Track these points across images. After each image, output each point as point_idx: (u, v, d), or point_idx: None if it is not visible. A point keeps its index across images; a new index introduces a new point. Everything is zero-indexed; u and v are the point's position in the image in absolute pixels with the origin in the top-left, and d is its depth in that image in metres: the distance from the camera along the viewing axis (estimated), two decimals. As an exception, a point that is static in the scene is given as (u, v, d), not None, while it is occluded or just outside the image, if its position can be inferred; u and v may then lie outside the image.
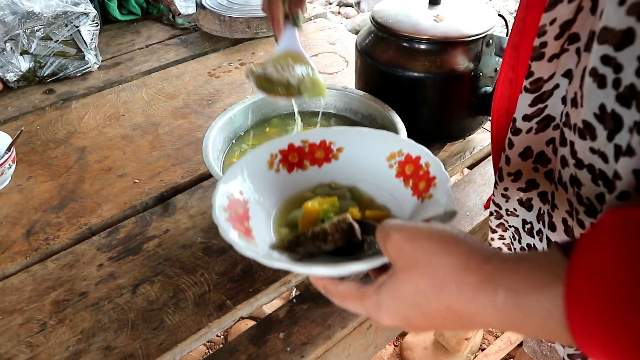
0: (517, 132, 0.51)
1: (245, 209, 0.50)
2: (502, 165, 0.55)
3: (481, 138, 0.88)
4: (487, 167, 0.84)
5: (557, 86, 0.47)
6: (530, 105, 0.48)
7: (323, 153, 0.58)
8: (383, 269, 0.40)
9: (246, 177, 0.52)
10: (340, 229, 0.46)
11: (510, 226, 0.61)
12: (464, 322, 0.33)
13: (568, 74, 0.46)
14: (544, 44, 0.45)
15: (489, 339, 1.43)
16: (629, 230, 0.26)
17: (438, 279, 0.32)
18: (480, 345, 1.42)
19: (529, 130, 0.50)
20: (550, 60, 0.45)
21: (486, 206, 0.68)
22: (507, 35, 0.81)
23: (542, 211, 0.54)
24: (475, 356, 1.39)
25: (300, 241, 0.47)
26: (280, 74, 0.66)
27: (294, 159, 0.57)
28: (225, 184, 0.50)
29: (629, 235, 0.26)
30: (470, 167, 0.87)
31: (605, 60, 0.37)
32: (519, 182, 0.55)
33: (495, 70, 0.78)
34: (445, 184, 0.49)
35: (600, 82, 0.38)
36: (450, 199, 0.47)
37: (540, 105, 0.48)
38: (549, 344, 0.68)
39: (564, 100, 0.47)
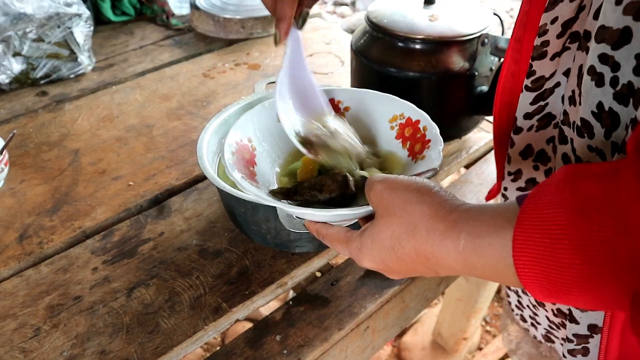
0: (518, 130, 0.51)
1: (252, 155, 0.54)
2: (505, 164, 0.55)
3: (477, 138, 0.87)
4: (484, 166, 0.84)
5: (558, 84, 0.47)
6: (532, 103, 0.49)
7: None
8: (371, 217, 0.43)
9: (256, 127, 0.56)
10: (335, 180, 0.49)
11: None
12: (432, 265, 0.36)
13: (568, 73, 0.46)
14: (545, 43, 0.45)
15: (487, 339, 1.43)
16: (571, 179, 0.29)
17: (411, 225, 0.36)
18: (478, 344, 1.42)
19: (530, 128, 0.51)
20: (552, 58, 0.45)
21: (487, 197, 0.68)
22: (502, 34, 0.80)
23: None
24: (474, 356, 1.39)
25: (298, 190, 0.50)
26: (337, 142, 0.53)
27: None
28: (236, 131, 0.54)
29: (570, 184, 0.29)
30: (467, 166, 0.87)
31: (603, 58, 0.37)
32: (518, 181, 0.55)
33: (491, 69, 0.78)
34: (437, 147, 0.52)
35: (598, 80, 0.38)
36: (440, 159, 0.50)
37: (541, 103, 0.48)
38: (549, 345, 0.68)
39: (564, 98, 0.47)
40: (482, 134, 0.88)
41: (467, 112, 0.80)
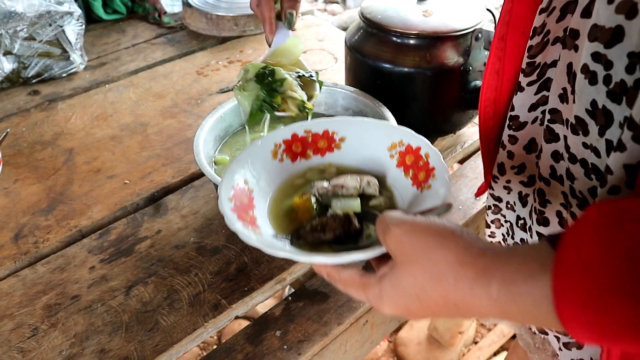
0: (521, 126, 0.51)
1: (250, 198, 0.52)
2: (503, 160, 0.55)
3: (471, 132, 0.88)
4: (478, 160, 0.85)
5: (554, 81, 0.47)
6: (536, 94, 0.48)
7: (326, 142, 0.59)
8: (384, 257, 0.41)
9: (251, 167, 0.54)
10: (337, 219, 0.48)
11: (506, 221, 0.61)
12: (462, 311, 0.34)
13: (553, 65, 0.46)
14: (546, 33, 0.44)
15: (482, 332, 1.44)
16: (609, 221, 0.28)
17: (436, 272, 0.34)
18: (474, 338, 1.43)
19: (534, 120, 0.50)
20: (554, 43, 0.45)
21: (477, 194, 0.68)
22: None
23: (533, 207, 0.55)
24: (469, 349, 1.40)
25: (300, 233, 0.49)
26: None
27: (297, 148, 0.58)
28: (231, 174, 0.51)
29: (609, 226, 0.28)
30: (462, 161, 0.87)
31: (596, 57, 0.37)
32: (521, 175, 0.55)
33: (484, 64, 0.78)
34: (444, 175, 0.50)
35: (592, 78, 0.38)
36: (448, 190, 0.48)
37: (545, 93, 0.48)
38: (543, 336, 0.69)
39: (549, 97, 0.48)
40: (476, 129, 0.89)
41: (462, 107, 0.80)
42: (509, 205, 0.59)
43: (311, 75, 0.67)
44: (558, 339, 0.58)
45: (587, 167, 0.42)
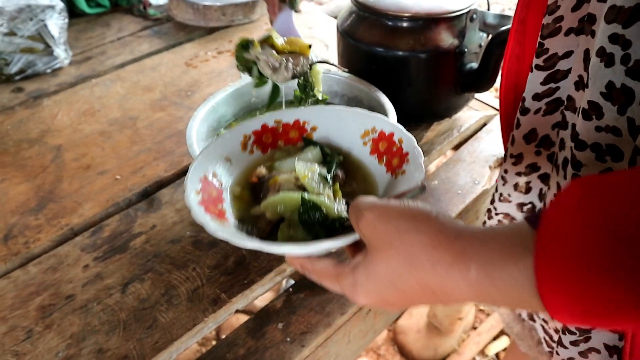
0: (525, 111, 0.50)
1: (219, 191, 0.51)
2: (508, 145, 0.54)
3: (467, 116, 0.87)
4: (475, 144, 0.84)
5: (571, 70, 0.46)
6: (542, 83, 0.48)
7: (297, 133, 0.58)
8: (360, 246, 0.40)
9: (220, 160, 0.53)
10: (266, 221, 0.48)
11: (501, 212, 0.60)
12: (440, 297, 0.33)
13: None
14: (558, 19, 0.44)
15: (481, 317, 1.44)
16: (592, 195, 0.26)
17: (411, 257, 0.33)
18: (473, 324, 1.43)
19: (537, 111, 0.50)
20: (567, 34, 0.44)
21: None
22: (488, 10, 0.80)
23: (543, 191, 0.54)
24: (468, 335, 1.40)
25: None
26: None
27: (267, 139, 0.57)
28: (199, 167, 0.50)
29: (591, 200, 0.26)
30: (458, 145, 0.86)
31: (613, 38, 0.37)
32: (518, 166, 0.54)
33: (480, 45, 0.77)
34: (418, 159, 0.48)
35: (608, 60, 0.37)
36: (422, 173, 0.47)
37: (552, 85, 0.47)
38: (531, 323, 0.67)
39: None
40: (472, 113, 0.88)
41: (458, 90, 0.79)
42: (502, 198, 0.58)
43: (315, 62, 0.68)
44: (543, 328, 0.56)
45: (600, 151, 0.41)
